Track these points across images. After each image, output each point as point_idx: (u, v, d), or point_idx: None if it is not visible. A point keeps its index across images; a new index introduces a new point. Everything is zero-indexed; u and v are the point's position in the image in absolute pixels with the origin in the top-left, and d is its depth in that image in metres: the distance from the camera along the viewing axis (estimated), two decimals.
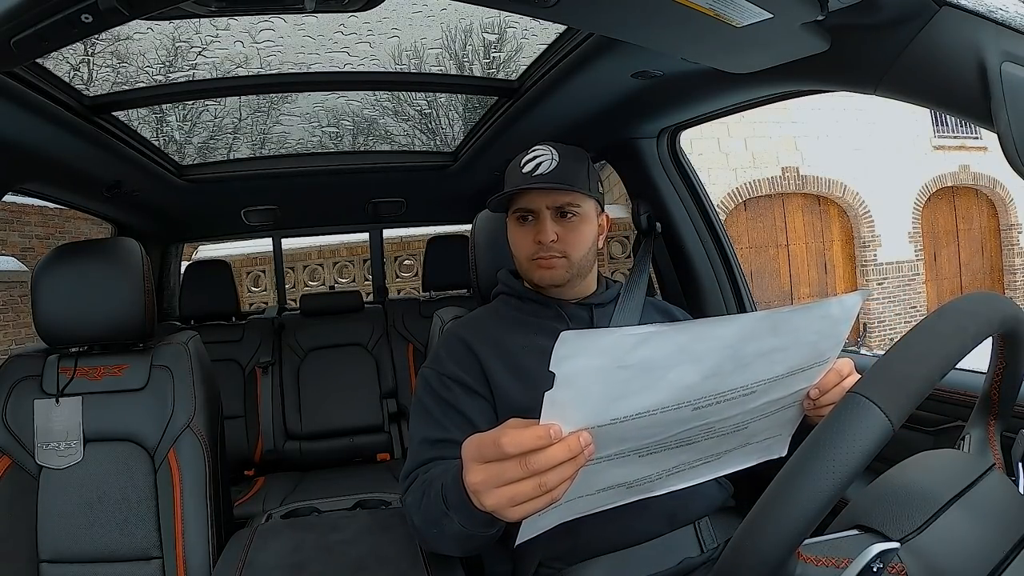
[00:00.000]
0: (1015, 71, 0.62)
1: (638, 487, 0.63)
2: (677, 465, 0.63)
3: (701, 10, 0.70)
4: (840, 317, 0.59)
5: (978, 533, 0.49)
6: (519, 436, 0.52)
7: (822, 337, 0.60)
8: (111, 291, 1.14)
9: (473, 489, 0.57)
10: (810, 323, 0.58)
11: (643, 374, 0.50)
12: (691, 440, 0.59)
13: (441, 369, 0.95)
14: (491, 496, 0.55)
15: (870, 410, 0.42)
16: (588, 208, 0.99)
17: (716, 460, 0.65)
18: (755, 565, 0.41)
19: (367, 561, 0.94)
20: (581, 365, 0.48)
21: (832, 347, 0.63)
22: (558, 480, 0.52)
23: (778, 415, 0.65)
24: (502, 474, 0.53)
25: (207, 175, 1.89)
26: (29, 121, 1.12)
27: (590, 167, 1.00)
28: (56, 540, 1.09)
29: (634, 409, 0.52)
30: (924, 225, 7.60)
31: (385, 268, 2.99)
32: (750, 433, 0.64)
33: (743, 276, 1.50)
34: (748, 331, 0.53)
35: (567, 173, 0.95)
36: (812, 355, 0.61)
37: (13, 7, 0.65)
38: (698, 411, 0.55)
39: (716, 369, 0.53)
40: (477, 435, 0.57)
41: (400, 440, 2.32)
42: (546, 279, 0.98)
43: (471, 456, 0.57)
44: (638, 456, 0.58)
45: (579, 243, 0.97)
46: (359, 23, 1.15)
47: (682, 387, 0.52)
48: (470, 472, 0.57)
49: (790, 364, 0.59)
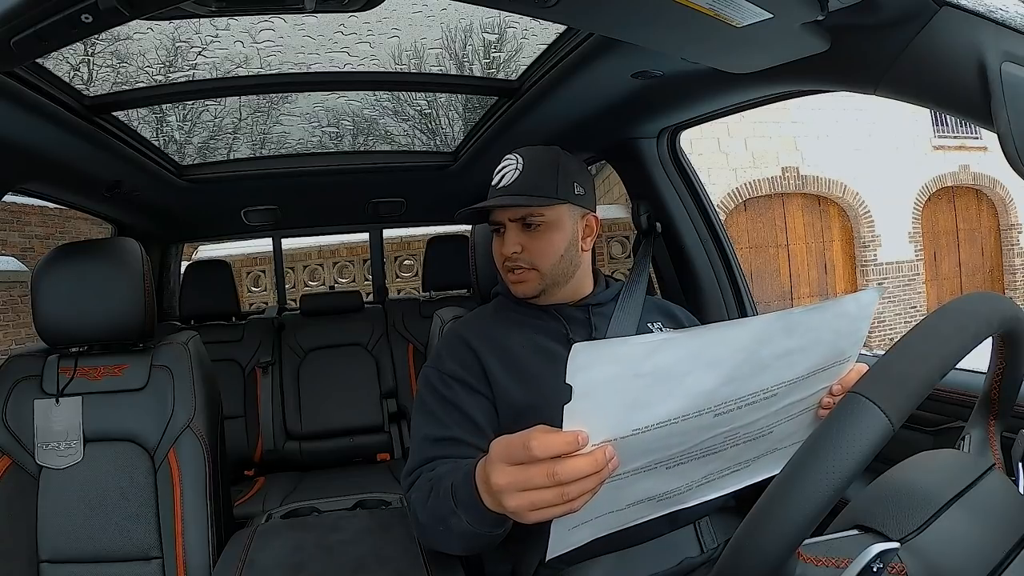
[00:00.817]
0: (1015, 71, 0.62)
1: (668, 499, 0.63)
2: (707, 475, 0.62)
3: (701, 10, 0.70)
4: (858, 315, 0.59)
5: (978, 533, 0.49)
6: (548, 440, 0.52)
7: (840, 336, 0.60)
8: (111, 291, 1.14)
9: (497, 489, 0.57)
10: (826, 322, 0.58)
11: (660, 382, 0.50)
12: (717, 449, 0.59)
13: (442, 368, 0.95)
14: (514, 499, 0.56)
15: (870, 410, 0.42)
16: (557, 214, 0.97)
17: (745, 468, 0.65)
18: (755, 565, 0.41)
19: (367, 561, 0.94)
20: (597, 375, 0.48)
21: (852, 345, 0.62)
22: (580, 492, 0.52)
23: (802, 417, 0.65)
24: (529, 479, 0.54)
25: (207, 175, 1.89)
26: (29, 121, 1.12)
27: (562, 170, 0.98)
28: (56, 540, 1.09)
29: (655, 419, 0.51)
30: (924, 225, 7.60)
31: (385, 268, 2.99)
32: (776, 438, 0.63)
33: (743, 276, 1.50)
34: (761, 333, 0.53)
35: (528, 183, 0.95)
36: (832, 354, 0.60)
37: (13, 7, 0.64)
38: (720, 417, 0.55)
39: (733, 373, 0.52)
40: (506, 436, 0.58)
41: (400, 440, 2.32)
42: (518, 292, 0.99)
43: (499, 456, 0.58)
44: (665, 468, 0.58)
45: (546, 252, 0.96)
46: (359, 23, 1.15)
47: (700, 393, 0.52)
48: (496, 472, 0.57)
49: (809, 364, 0.58)
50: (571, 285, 1.01)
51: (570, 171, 0.99)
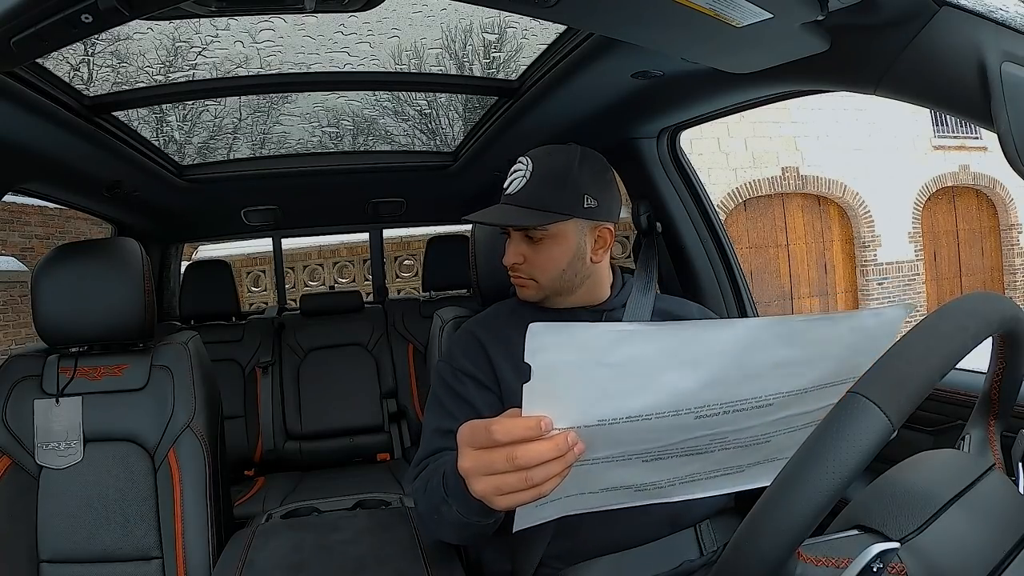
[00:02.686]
0: (1015, 71, 0.62)
1: (648, 491, 0.62)
2: (691, 474, 0.62)
3: (701, 10, 0.70)
4: (879, 332, 0.55)
5: (978, 533, 0.49)
6: (509, 424, 0.53)
7: (857, 352, 0.54)
8: (111, 291, 1.14)
9: (464, 473, 0.58)
10: (838, 336, 0.55)
11: (630, 376, 0.49)
12: (702, 450, 0.58)
13: (454, 364, 0.97)
14: (479, 483, 0.56)
15: (870, 410, 0.42)
16: (560, 229, 0.93)
17: (739, 473, 0.64)
18: (755, 565, 0.41)
19: (367, 561, 0.94)
20: (556, 359, 0.48)
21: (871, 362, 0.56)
22: (544, 476, 0.52)
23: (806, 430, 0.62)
24: (491, 463, 0.54)
25: (207, 175, 1.89)
26: (29, 121, 1.12)
27: (571, 182, 0.92)
28: (56, 540, 1.09)
29: (624, 411, 0.51)
30: (924, 225, 7.60)
31: (385, 268, 2.99)
32: (775, 448, 0.61)
33: (743, 276, 1.50)
34: (751, 338, 0.51)
35: (533, 195, 0.92)
36: (844, 370, 0.56)
37: (13, 7, 0.64)
38: (702, 420, 0.53)
39: (718, 377, 0.51)
40: (472, 420, 0.58)
41: (400, 440, 2.32)
42: (522, 296, 0.99)
43: (464, 440, 0.58)
44: (642, 461, 0.57)
45: (546, 266, 0.94)
46: (359, 23, 1.15)
47: (679, 393, 0.51)
48: (462, 456, 0.58)
49: (814, 377, 0.55)
50: (582, 292, 0.99)
51: (581, 182, 0.93)
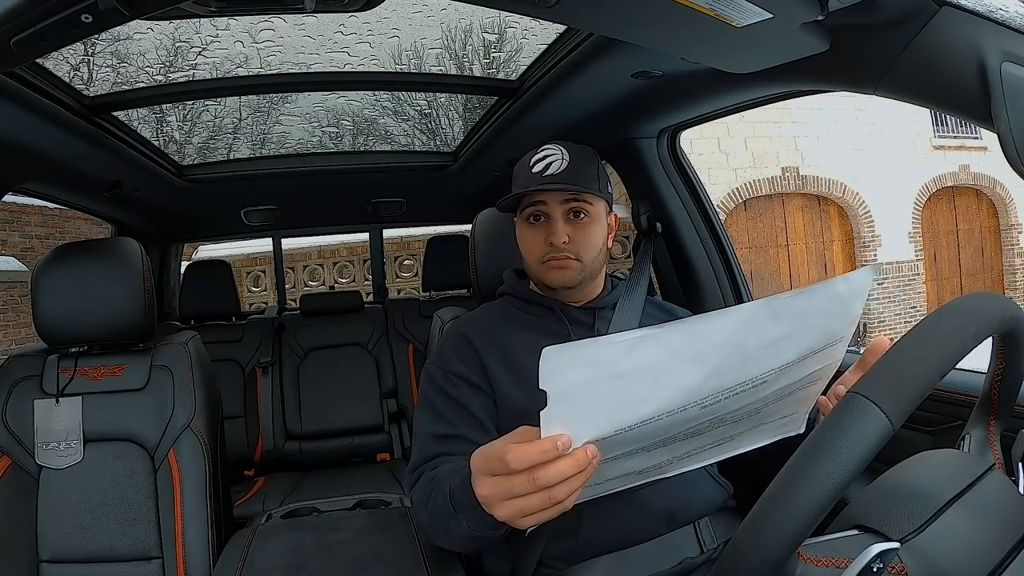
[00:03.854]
0: (1015, 71, 0.62)
1: (649, 472, 0.62)
2: (689, 451, 0.62)
3: (701, 10, 0.70)
4: (849, 295, 0.57)
5: (978, 533, 0.49)
6: (524, 452, 0.51)
7: (832, 318, 0.57)
8: (111, 291, 1.14)
9: (483, 501, 0.57)
10: (816, 306, 0.56)
11: (641, 381, 0.49)
12: (703, 431, 0.58)
13: (446, 366, 0.95)
14: (501, 508, 0.55)
15: (870, 410, 0.42)
16: (599, 208, 0.97)
17: (728, 442, 0.64)
18: (755, 565, 0.41)
19: (367, 561, 0.93)
20: (571, 380, 0.47)
21: (846, 325, 0.60)
22: (568, 492, 0.52)
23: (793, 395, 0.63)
24: (511, 488, 0.53)
25: (207, 175, 1.89)
26: (29, 121, 1.12)
27: (600, 166, 0.99)
28: (56, 540, 1.09)
29: (639, 417, 0.50)
30: (924, 225, 7.60)
31: (385, 268, 2.99)
32: (764, 415, 0.62)
33: (743, 276, 1.50)
34: (747, 322, 0.51)
35: (579, 173, 0.94)
36: (823, 337, 0.58)
37: (13, 7, 0.64)
38: (707, 408, 0.54)
39: (720, 367, 0.51)
40: (483, 448, 0.57)
41: (400, 440, 2.32)
42: (558, 280, 0.96)
43: (479, 469, 0.57)
44: (646, 451, 0.57)
45: (591, 244, 0.96)
46: (359, 23, 1.15)
47: (686, 389, 0.51)
48: (479, 484, 0.57)
49: (800, 349, 0.56)
50: (596, 282, 1.01)
51: (603, 168, 1.00)
